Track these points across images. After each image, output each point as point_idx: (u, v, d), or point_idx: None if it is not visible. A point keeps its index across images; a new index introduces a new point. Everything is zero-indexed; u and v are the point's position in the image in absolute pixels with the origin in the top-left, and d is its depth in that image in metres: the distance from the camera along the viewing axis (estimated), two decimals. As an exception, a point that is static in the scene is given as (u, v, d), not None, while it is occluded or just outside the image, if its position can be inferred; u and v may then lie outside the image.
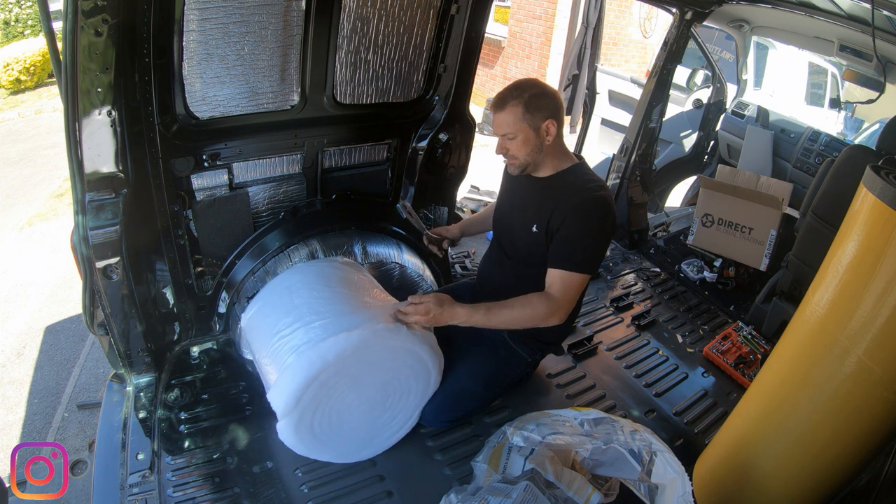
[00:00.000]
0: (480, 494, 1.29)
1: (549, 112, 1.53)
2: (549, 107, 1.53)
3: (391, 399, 1.59)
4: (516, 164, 1.59)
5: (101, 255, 1.47)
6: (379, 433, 1.64)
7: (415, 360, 1.55)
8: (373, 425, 1.61)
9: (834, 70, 5.75)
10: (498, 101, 1.54)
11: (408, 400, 1.62)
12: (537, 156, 1.57)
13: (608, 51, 6.97)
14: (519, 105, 1.50)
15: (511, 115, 1.51)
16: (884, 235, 1.10)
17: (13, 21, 8.62)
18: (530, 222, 1.60)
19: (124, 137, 1.41)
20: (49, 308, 3.34)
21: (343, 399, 1.50)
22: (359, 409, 1.54)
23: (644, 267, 2.97)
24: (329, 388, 1.44)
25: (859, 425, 1.25)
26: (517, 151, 1.56)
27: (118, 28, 1.25)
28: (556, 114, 1.54)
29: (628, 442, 1.47)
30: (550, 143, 1.56)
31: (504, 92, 1.54)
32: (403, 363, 1.54)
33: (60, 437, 2.47)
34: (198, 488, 1.49)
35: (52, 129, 6.37)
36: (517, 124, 1.52)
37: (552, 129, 1.54)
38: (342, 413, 1.51)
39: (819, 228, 2.12)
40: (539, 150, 1.56)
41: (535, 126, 1.52)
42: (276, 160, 1.90)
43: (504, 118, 1.53)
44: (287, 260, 1.93)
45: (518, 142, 1.54)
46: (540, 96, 1.52)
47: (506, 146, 1.57)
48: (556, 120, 1.55)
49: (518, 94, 1.51)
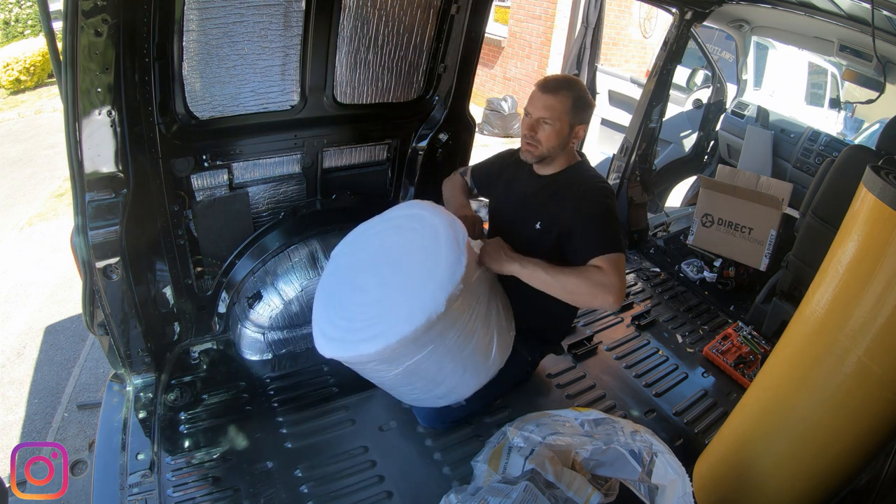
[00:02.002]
0: (480, 495, 1.29)
1: (586, 118, 1.60)
2: (587, 113, 1.60)
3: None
4: (536, 151, 1.58)
5: (101, 255, 1.47)
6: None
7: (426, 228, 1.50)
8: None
9: (834, 70, 5.75)
10: (554, 85, 1.54)
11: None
12: (558, 151, 1.59)
13: (608, 51, 6.97)
14: (570, 98, 1.53)
15: (561, 103, 1.53)
16: (884, 235, 1.10)
17: (13, 21, 8.62)
18: (533, 219, 1.60)
19: (124, 137, 1.41)
20: (49, 308, 3.34)
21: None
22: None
23: (644, 267, 2.96)
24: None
25: (859, 425, 1.25)
26: (545, 138, 1.56)
27: (118, 28, 1.25)
28: (588, 123, 1.64)
29: (629, 443, 1.47)
30: (571, 147, 1.61)
31: (561, 79, 1.57)
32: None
33: (60, 437, 2.47)
34: (198, 488, 1.49)
35: (52, 129, 6.37)
36: (562, 114, 1.53)
37: (581, 134, 1.60)
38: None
39: (819, 228, 2.12)
40: (563, 147, 1.59)
41: (572, 124, 1.56)
42: (276, 160, 1.90)
43: (553, 102, 1.53)
44: (287, 260, 1.93)
45: (552, 130, 1.55)
46: (586, 101, 1.58)
47: (535, 129, 1.56)
48: (586, 128, 1.64)
49: (573, 89, 1.54)
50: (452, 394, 1.57)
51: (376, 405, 1.81)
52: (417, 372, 1.46)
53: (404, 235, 1.52)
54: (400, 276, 1.45)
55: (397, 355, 1.39)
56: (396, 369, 1.44)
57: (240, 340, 1.93)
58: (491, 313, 1.52)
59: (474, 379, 1.55)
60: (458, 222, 1.46)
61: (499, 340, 1.55)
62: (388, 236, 1.57)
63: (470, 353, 1.48)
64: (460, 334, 1.42)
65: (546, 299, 1.49)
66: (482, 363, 1.53)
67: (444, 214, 1.48)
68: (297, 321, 1.94)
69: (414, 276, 1.40)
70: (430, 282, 1.35)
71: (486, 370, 1.55)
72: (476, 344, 1.48)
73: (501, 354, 1.58)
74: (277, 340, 1.94)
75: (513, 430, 1.55)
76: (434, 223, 1.46)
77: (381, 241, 1.57)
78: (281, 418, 1.73)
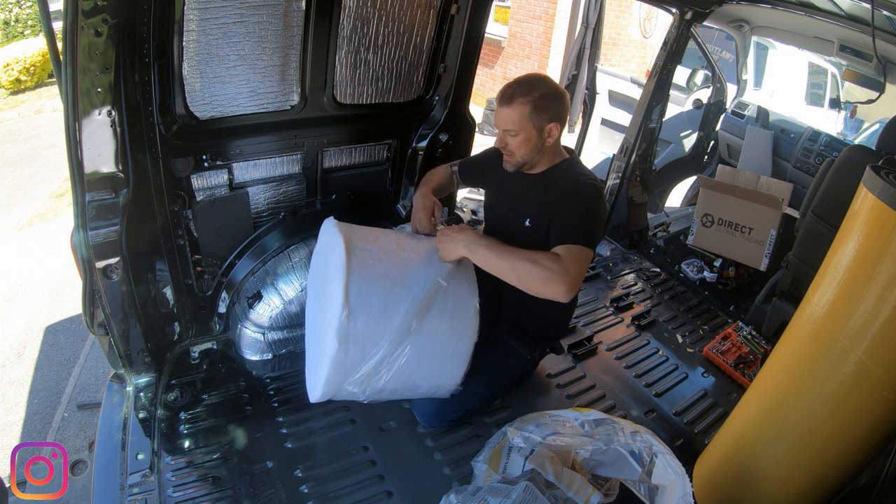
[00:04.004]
0: (480, 495, 1.29)
1: (556, 114, 1.51)
2: (556, 108, 1.51)
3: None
4: (513, 160, 1.58)
5: (101, 255, 1.47)
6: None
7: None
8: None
9: (834, 70, 5.75)
10: (506, 96, 1.50)
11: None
12: (536, 155, 1.57)
13: (608, 51, 6.97)
14: (527, 104, 1.48)
15: (517, 112, 1.49)
16: (884, 235, 1.10)
17: (13, 21, 8.62)
18: (523, 217, 1.60)
19: (124, 137, 1.41)
20: (49, 308, 3.34)
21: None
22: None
23: (644, 267, 2.97)
24: None
25: (859, 425, 1.25)
26: (516, 149, 1.55)
27: (118, 28, 1.25)
28: (561, 116, 1.53)
29: (629, 443, 1.47)
30: (550, 145, 1.56)
31: (513, 86, 1.51)
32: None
33: (60, 437, 2.47)
34: (198, 488, 1.49)
35: (52, 129, 6.36)
36: (522, 123, 1.50)
37: (555, 132, 1.53)
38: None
39: (819, 228, 2.12)
40: (539, 150, 1.56)
41: (539, 127, 1.51)
42: (276, 160, 1.90)
43: (510, 114, 1.50)
44: (287, 260, 1.93)
45: (519, 140, 1.53)
46: (549, 97, 1.49)
47: (506, 141, 1.55)
48: (561, 123, 1.54)
49: (528, 92, 1.48)
50: (440, 388, 1.55)
51: (376, 405, 1.80)
52: (388, 391, 1.47)
53: (325, 262, 1.52)
54: (321, 314, 1.49)
55: (346, 395, 1.45)
56: (364, 397, 1.47)
57: (240, 340, 1.93)
58: (430, 308, 1.43)
59: (453, 366, 1.50)
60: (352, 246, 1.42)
61: (454, 325, 1.47)
62: (320, 262, 1.59)
63: (427, 356, 1.44)
64: (399, 353, 1.39)
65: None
66: (450, 353, 1.48)
67: (342, 244, 1.41)
68: (297, 321, 1.94)
69: (324, 318, 1.43)
70: (329, 328, 1.35)
71: (458, 355, 1.50)
72: (426, 342, 1.43)
73: (465, 334, 1.49)
74: (277, 340, 1.94)
75: (513, 431, 1.55)
76: (337, 253, 1.41)
77: (320, 266, 1.59)
78: (281, 418, 1.73)
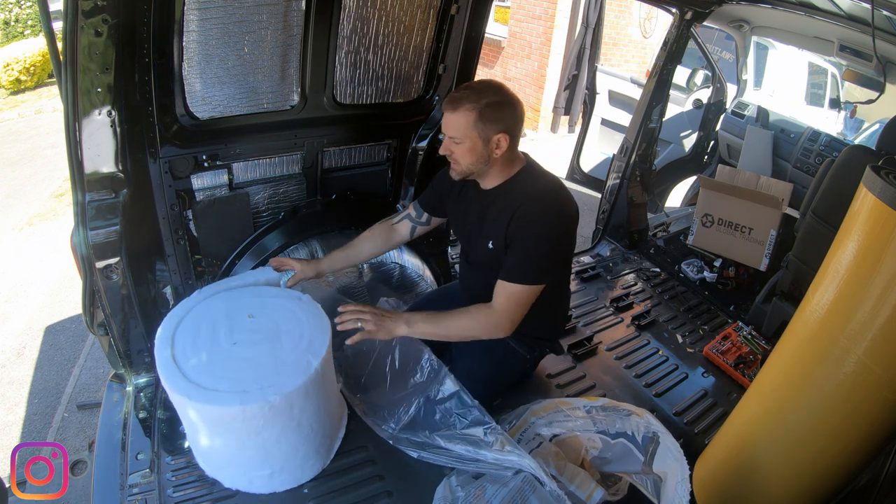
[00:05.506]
0: (480, 482, 1.30)
1: (505, 125, 1.42)
2: (505, 119, 1.42)
3: None
4: (458, 169, 1.50)
5: (101, 255, 1.47)
6: None
7: None
8: None
9: (834, 70, 5.75)
10: (452, 101, 1.42)
11: None
12: (482, 166, 1.48)
13: (608, 51, 6.96)
14: (473, 111, 1.39)
15: (462, 119, 1.40)
16: (884, 235, 1.10)
17: (13, 21, 8.63)
18: (486, 239, 1.54)
19: (124, 137, 1.41)
20: (49, 308, 3.34)
21: None
22: None
23: (644, 267, 2.97)
24: None
25: (859, 425, 1.25)
26: (461, 157, 1.46)
27: (118, 28, 1.25)
28: (511, 128, 1.44)
29: (631, 426, 1.48)
30: (499, 157, 1.47)
31: (461, 92, 1.43)
32: None
33: (60, 437, 2.47)
34: (198, 488, 1.48)
35: (52, 129, 6.37)
36: (467, 131, 1.41)
37: (503, 143, 1.43)
38: None
39: (819, 228, 2.12)
40: (485, 161, 1.46)
41: (485, 137, 1.42)
42: (275, 160, 1.90)
43: (454, 120, 1.42)
44: (287, 260, 1.92)
45: (464, 148, 1.44)
46: (498, 106, 1.40)
47: (451, 148, 1.47)
48: (510, 134, 1.44)
49: (475, 99, 1.39)
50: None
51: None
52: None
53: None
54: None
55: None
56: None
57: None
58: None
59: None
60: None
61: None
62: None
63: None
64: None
65: (538, 297, 1.49)
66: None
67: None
68: (297, 321, 1.93)
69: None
70: None
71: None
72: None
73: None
74: (277, 340, 1.93)
75: (529, 415, 1.57)
76: None
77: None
78: (281, 418, 1.73)
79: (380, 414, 1.64)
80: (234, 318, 1.44)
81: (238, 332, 1.41)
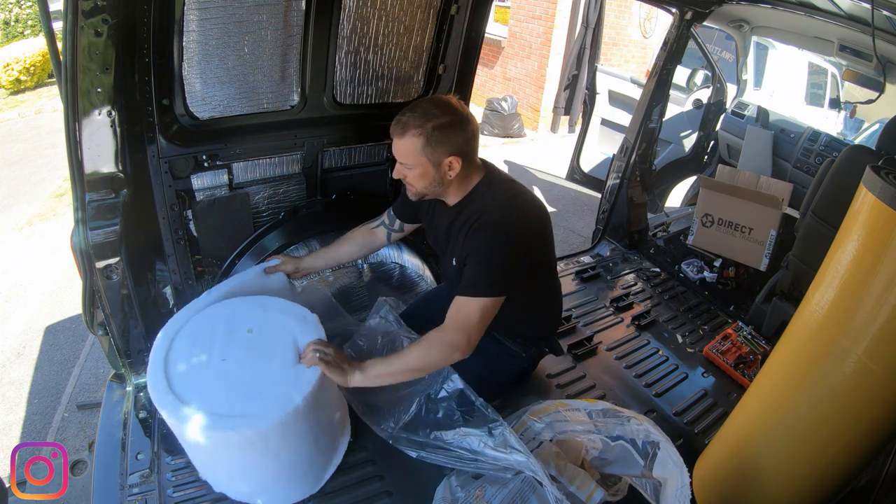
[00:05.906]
0: (480, 482, 1.30)
1: (455, 147, 1.37)
2: (454, 141, 1.37)
3: None
4: (414, 191, 1.49)
5: (101, 255, 1.47)
6: None
7: None
8: None
9: (834, 70, 5.75)
10: (398, 125, 1.37)
11: None
12: (437, 189, 1.46)
13: (608, 51, 6.97)
14: (420, 137, 1.35)
15: (410, 145, 1.36)
16: (884, 235, 1.10)
17: (13, 21, 8.63)
18: (450, 256, 1.54)
19: (124, 137, 1.41)
20: (49, 308, 3.34)
21: None
22: None
23: (644, 267, 2.97)
24: None
25: (859, 425, 1.25)
26: (414, 182, 1.44)
27: (118, 28, 1.25)
28: (462, 148, 1.39)
29: (632, 432, 1.48)
30: (454, 178, 1.43)
31: (407, 116, 1.37)
32: None
33: (60, 437, 2.47)
34: (198, 488, 1.48)
35: (52, 129, 6.37)
36: (415, 157, 1.38)
37: (455, 165, 1.39)
38: None
39: (819, 228, 2.12)
40: (439, 183, 1.44)
41: (435, 161, 1.38)
42: (275, 160, 1.90)
43: (402, 147, 1.38)
44: (287, 260, 1.92)
45: (415, 174, 1.41)
46: (446, 128, 1.35)
47: (403, 172, 1.44)
48: (462, 155, 1.39)
49: (421, 123, 1.34)
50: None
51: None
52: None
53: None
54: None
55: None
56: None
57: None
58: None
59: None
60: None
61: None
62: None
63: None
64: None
65: (517, 301, 1.48)
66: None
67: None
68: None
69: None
70: None
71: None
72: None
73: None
74: (277, 340, 1.93)
75: (528, 417, 1.57)
76: None
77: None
78: (281, 418, 1.73)
79: (379, 413, 1.63)
80: (233, 331, 1.42)
81: (232, 347, 1.37)
